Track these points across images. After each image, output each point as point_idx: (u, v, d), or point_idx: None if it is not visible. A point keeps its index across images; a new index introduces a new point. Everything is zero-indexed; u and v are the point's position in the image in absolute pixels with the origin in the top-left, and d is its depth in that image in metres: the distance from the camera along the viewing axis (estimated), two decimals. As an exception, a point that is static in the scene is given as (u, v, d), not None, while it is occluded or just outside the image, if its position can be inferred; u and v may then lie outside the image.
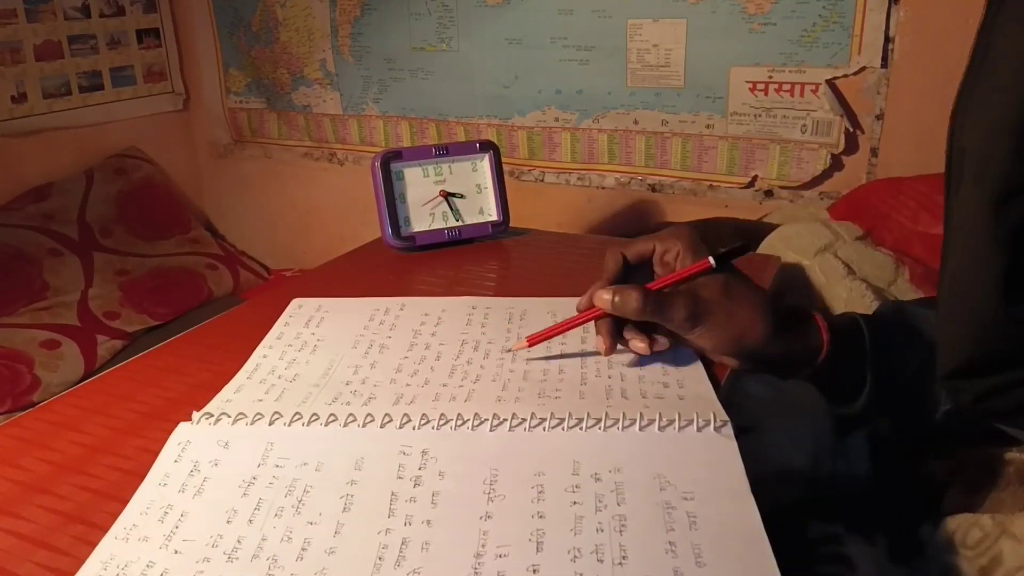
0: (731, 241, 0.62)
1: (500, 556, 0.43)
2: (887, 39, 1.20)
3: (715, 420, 0.53)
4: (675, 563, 0.42)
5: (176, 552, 0.45)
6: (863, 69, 1.23)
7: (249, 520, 0.47)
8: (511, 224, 0.98)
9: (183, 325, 1.37)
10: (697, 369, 0.62)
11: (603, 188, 1.51)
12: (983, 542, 0.53)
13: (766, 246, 1.06)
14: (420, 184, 0.95)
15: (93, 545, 0.46)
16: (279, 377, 0.63)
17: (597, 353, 0.63)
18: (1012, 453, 0.63)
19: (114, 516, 0.48)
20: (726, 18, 1.30)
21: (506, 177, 0.99)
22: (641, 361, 0.63)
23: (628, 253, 0.64)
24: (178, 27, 1.90)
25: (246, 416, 0.56)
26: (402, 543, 0.45)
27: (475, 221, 0.97)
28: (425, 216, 0.95)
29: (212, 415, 0.56)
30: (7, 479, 0.54)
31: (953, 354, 0.52)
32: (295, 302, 0.78)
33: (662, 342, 0.61)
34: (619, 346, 0.61)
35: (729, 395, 0.63)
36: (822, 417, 0.73)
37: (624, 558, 0.43)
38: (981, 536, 0.54)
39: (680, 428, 0.53)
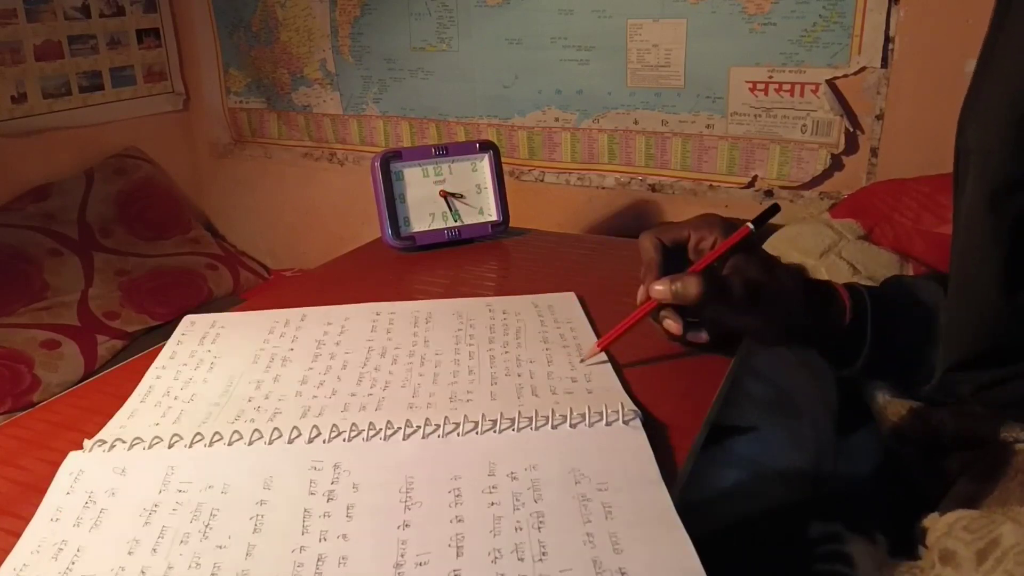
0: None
1: (420, 564, 0.43)
2: (887, 39, 1.20)
3: (623, 412, 0.54)
4: (594, 553, 0.43)
5: None
6: (863, 69, 1.23)
7: (153, 549, 0.45)
8: (511, 224, 0.98)
9: (183, 325, 1.37)
10: (603, 363, 0.63)
11: (603, 188, 1.51)
12: (986, 526, 0.53)
13: (769, 247, 1.06)
14: (420, 184, 0.95)
15: (92, 545, 0.46)
16: (175, 398, 0.60)
17: (505, 350, 0.64)
18: (1023, 444, 0.63)
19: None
20: (726, 18, 1.30)
21: (506, 177, 0.99)
22: (549, 358, 0.64)
23: (665, 239, 0.63)
24: (178, 27, 1.90)
25: (143, 440, 0.53)
26: (318, 559, 0.43)
27: (475, 221, 0.97)
28: (425, 216, 0.95)
29: (106, 442, 0.53)
30: (7, 479, 0.54)
31: (956, 347, 0.52)
32: (187, 319, 0.74)
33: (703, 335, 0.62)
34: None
35: (729, 395, 0.63)
36: (823, 417, 0.73)
37: (544, 554, 0.43)
38: (985, 522, 0.54)
39: (591, 423, 0.53)
